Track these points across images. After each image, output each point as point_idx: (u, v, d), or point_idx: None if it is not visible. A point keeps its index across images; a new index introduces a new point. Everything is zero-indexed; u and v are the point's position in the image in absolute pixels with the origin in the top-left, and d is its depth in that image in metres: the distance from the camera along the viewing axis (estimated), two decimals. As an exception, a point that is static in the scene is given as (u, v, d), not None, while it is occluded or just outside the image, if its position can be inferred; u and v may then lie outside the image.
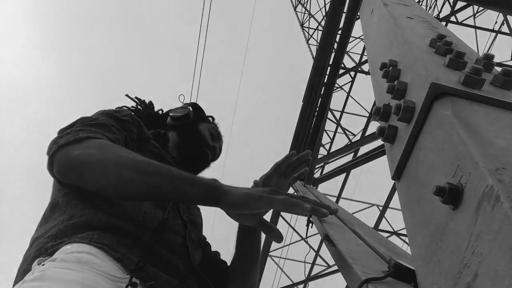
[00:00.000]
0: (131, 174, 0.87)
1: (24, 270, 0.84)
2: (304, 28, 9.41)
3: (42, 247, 0.86)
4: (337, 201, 6.31)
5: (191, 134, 1.43)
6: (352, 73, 7.09)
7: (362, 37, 7.01)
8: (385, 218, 6.56)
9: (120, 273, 0.78)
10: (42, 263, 0.76)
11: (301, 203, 0.85)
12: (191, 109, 1.48)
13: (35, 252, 0.86)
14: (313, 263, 7.01)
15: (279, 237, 0.95)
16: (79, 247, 0.79)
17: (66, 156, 0.91)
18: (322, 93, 3.78)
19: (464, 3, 5.84)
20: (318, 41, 7.04)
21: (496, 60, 0.61)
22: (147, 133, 1.21)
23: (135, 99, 1.46)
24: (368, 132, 6.23)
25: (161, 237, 0.95)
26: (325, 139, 6.32)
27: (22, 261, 0.90)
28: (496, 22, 7.21)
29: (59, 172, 0.92)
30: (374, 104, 0.96)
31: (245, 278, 1.26)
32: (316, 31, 8.86)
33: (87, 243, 0.81)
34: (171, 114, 1.45)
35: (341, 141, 6.73)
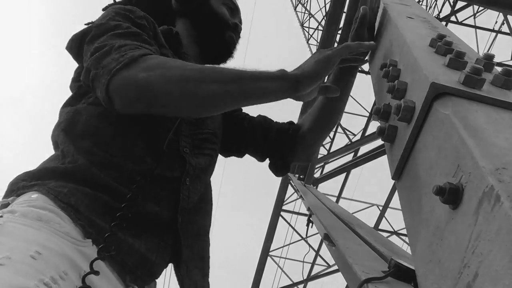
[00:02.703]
0: (211, 88, 0.79)
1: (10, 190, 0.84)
2: (304, 28, 9.41)
3: (16, 183, 0.84)
4: (337, 201, 6.31)
5: (207, 19, 1.17)
6: (352, 73, 7.07)
7: (362, 37, 6.98)
8: (385, 218, 6.56)
9: (81, 236, 0.76)
10: (1, 215, 0.73)
11: (361, 43, 0.92)
12: None
13: (9, 186, 0.85)
14: (313, 263, 7.01)
15: (336, 91, 0.97)
16: (43, 201, 0.77)
17: (132, 83, 0.78)
18: (322, 93, 3.77)
19: (464, 3, 5.83)
20: (318, 41, 7.04)
21: (496, 60, 0.61)
22: (161, 38, 1.04)
23: None
24: (368, 132, 6.22)
25: (145, 191, 0.86)
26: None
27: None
28: (496, 22, 7.21)
29: (125, 101, 0.80)
30: (374, 104, 0.96)
31: (320, 137, 1.23)
32: (316, 31, 8.85)
33: (53, 199, 0.77)
34: None
35: (341, 141, 6.73)
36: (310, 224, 1.91)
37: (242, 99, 0.86)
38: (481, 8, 6.97)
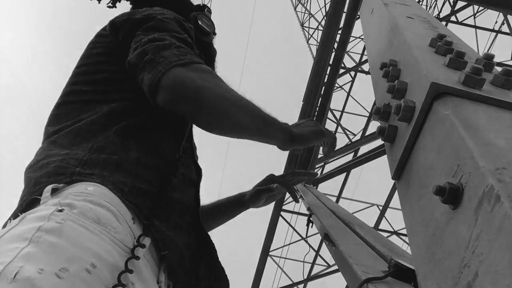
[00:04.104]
0: (239, 114, 0.88)
1: (35, 182, 0.78)
2: (304, 28, 9.41)
3: (67, 167, 0.79)
4: (337, 201, 6.31)
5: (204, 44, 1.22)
6: (352, 73, 7.08)
7: (362, 37, 7.00)
8: (385, 218, 6.55)
9: (132, 243, 0.74)
10: (59, 208, 0.69)
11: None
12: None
13: (56, 168, 0.79)
14: (313, 263, 7.01)
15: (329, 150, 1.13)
16: (100, 196, 0.74)
17: (190, 83, 0.83)
18: (322, 93, 3.78)
19: (464, 3, 5.83)
20: (318, 41, 7.03)
21: (496, 60, 0.61)
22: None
23: None
24: (368, 132, 6.22)
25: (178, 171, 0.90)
26: (325, 139, 6.30)
27: (35, 162, 0.83)
28: (496, 22, 7.21)
29: (174, 97, 0.83)
30: (374, 103, 0.96)
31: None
32: (316, 31, 8.86)
33: (119, 197, 0.75)
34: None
35: (341, 140, 6.72)
36: (310, 224, 1.91)
37: (251, 135, 0.95)
38: (481, 8, 6.97)
